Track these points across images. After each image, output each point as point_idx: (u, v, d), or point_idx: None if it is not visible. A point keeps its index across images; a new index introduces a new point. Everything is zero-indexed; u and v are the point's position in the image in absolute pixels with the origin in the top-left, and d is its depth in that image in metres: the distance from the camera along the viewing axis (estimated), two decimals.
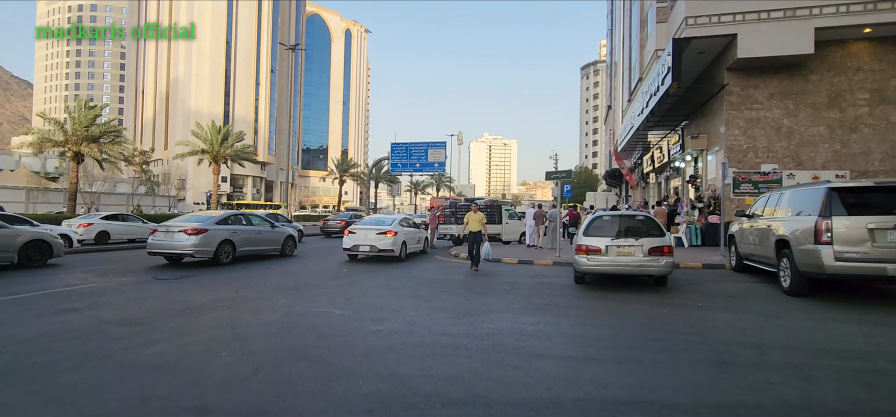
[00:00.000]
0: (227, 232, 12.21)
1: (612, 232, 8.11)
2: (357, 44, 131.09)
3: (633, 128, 23.77)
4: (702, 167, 18.50)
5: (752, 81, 15.65)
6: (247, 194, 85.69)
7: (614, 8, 47.01)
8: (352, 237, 13.13)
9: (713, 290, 8.03)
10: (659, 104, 17.48)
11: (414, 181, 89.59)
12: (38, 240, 11.06)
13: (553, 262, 12.25)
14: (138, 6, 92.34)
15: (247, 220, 13.73)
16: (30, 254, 10.80)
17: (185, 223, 11.93)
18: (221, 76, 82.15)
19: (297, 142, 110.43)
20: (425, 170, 41.85)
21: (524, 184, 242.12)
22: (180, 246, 11.33)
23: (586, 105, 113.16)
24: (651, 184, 29.82)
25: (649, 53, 20.19)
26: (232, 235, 12.28)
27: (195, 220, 12.26)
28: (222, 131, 38.47)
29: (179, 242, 11.35)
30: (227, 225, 12.51)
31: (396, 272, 10.95)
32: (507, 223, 19.46)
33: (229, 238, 12.14)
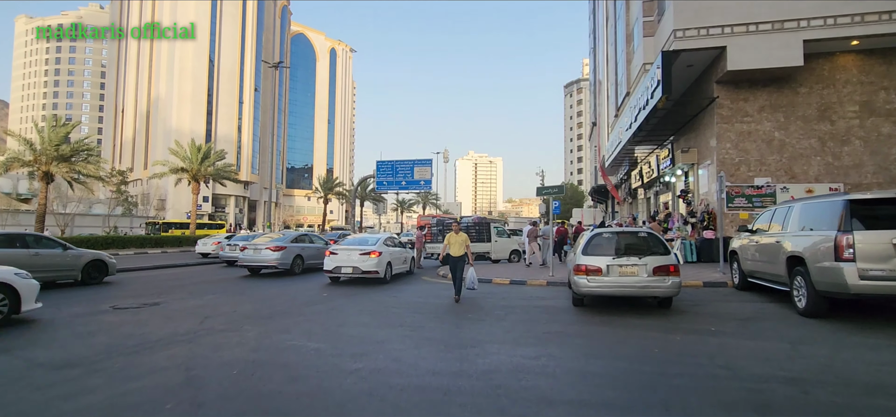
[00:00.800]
0: (299, 249, 15.51)
1: (612, 251, 7.53)
2: (342, 63, 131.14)
3: (620, 143, 23.50)
4: (693, 181, 18.19)
5: (743, 94, 15.44)
6: (230, 214, 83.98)
7: (597, 26, 47.46)
8: (333, 258, 12.37)
9: (722, 312, 7.47)
10: (647, 118, 17.16)
11: (400, 199, 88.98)
12: (98, 261, 12.55)
13: (547, 282, 11.63)
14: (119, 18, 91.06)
15: (310, 239, 16.88)
16: (90, 273, 12.26)
17: (269, 242, 15.22)
18: (204, 95, 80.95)
19: (281, 161, 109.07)
20: (411, 188, 41.24)
21: (510, 201, 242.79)
22: (266, 260, 14.58)
23: (570, 122, 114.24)
24: (639, 200, 29.58)
25: (636, 68, 19.99)
26: (302, 251, 15.52)
27: (277, 240, 15.57)
28: (202, 149, 37.43)
29: (265, 257, 14.61)
30: (299, 243, 15.89)
31: (381, 296, 10.21)
32: (496, 241, 18.85)
33: (301, 253, 15.44)
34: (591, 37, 57.88)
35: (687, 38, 14.78)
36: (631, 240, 7.72)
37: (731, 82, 15.35)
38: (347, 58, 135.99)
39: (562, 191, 13.46)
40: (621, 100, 24.14)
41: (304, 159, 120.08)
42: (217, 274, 15.34)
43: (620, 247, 7.56)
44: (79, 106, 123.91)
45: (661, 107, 15.83)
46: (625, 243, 7.64)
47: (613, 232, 8.04)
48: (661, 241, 7.52)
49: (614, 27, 27.31)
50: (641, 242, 7.61)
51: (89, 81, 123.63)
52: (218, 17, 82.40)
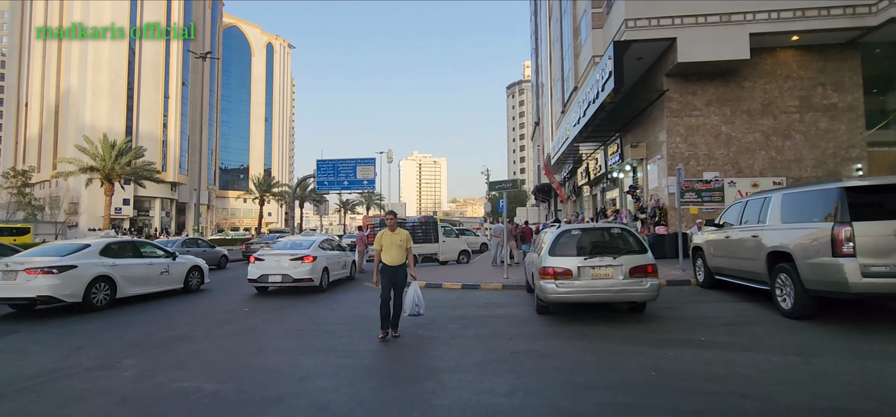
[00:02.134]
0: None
1: (582, 250, 6.57)
2: (280, 58, 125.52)
3: (567, 139, 23.16)
4: (642, 176, 17.98)
5: (691, 88, 15.27)
6: (155, 217, 77.46)
7: (540, 27, 47.75)
8: (259, 265, 10.69)
9: (700, 315, 6.72)
10: (596, 113, 16.71)
11: (343, 200, 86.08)
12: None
13: (502, 286, 10.61)
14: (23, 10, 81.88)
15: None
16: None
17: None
18: (123, 88, 74.03)
19: (214, 161, 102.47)
20: (353, 188, 39.46)
21: (455, 202, 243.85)
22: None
23: (513, 123, 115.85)
24: (585, 197, 29.60)
25: (585, 61, 19.61)
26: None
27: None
28: (117, 146, 33.60)
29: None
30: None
31: (315, 308, 8.74)
32: (444, 241, 17.71)
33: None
34: (533, 38, 58.45)
35: (638, 28, 14.36)
36: (603, 238, 6.81)
37: (680, 75, 15.13)
38: (286, 53, 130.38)
39: (515, 185, 12.51)
40: (569, 96, 23.82)
41: (240, 159, 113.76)
42: None
43: (591, 246, 6.62)
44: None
45: (609, 101, 15.40)
46: (596, 241, 6.72)
47: (583, 228, 7.08)
48: (636, 238, 6.66)
49: (560, 23, 27.07)
50: (615, 240, 6.70)
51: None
52: (139, 4, 75.72)
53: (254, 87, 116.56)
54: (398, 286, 6.36)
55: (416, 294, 6.33)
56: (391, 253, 6.33)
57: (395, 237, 6.37)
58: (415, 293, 6.33)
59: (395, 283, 6.32)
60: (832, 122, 14.74)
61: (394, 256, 6.33)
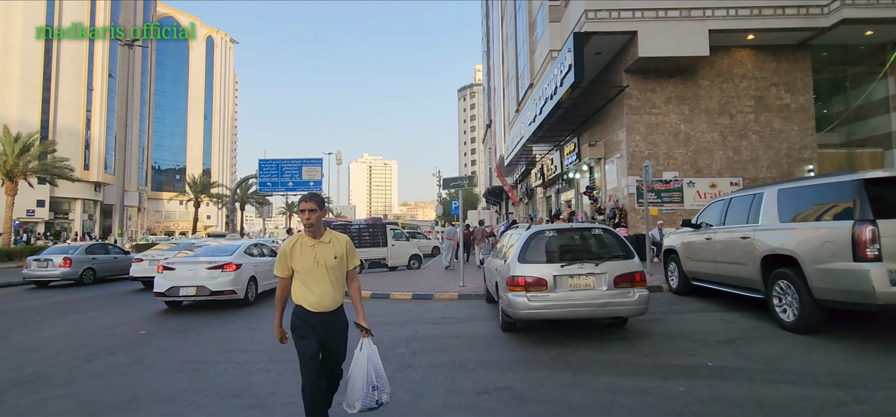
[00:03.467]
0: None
1: (558, 255, 5.46)
2: (221, 53, 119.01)
3: (522, 138, 22.40)
4: (600, 177, 17.41)
5: (650, 85, 14.79)
6: (75, 220, 70.52)
7: (492, 28, 47.37)
8: (169, 275, 8.89)
9: (690, 331, 5.79)
10: (553, 110, 15.94)
11: (288, 202, 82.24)
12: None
13: (459, 295, 9.40)
14: None
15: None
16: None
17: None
18: (38, 78, 67.04)
19: (146, 160, 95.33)
20: (299, 190, 37.25)
21: (405, 205, 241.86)
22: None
23: (464, 126, 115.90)
24: (538, 199, 29.08)
25: (541, 57, 18.87)
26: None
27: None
28: (22, 139, 29.62)
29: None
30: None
31: (231, 327, 7.16)
32: (393, 244, 16.31)
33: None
34: (485, 40, 58.14)
35: (599, 19, 13.67)
36: (581, 241, 5.73)
37: (639, 71, 14.61)
38: (228, 48, 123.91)
39: (471, 180, 11.36)
40: (523, 94, 23.10)
41: (176, 158, 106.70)
42: (15, 299, 10.88)
43: (568, 251, 5.53)
44: None
45: (567, 97, 14.67)
46: (573, 244, 5.63)
47: (558, 229, 5.94)
48: (620, 240, 5.62)
49: (514, 19, 26.40)
50: (595, 243, 5.65)
51: None
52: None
53: (192, 83, 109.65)
54: (334, 351, 3.23)
55: (371, 365, 3.10)
56: (315, 283, 3.09)
57: (321, 252, 3.09)
58: (369, 363, 3.10)
59: (327, 347, 3.16)
60: (785, 123, 14.69)
61: (320, 292, 3.09)
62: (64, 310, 9.33)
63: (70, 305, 10.09)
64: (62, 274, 14.14)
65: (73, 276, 14.35)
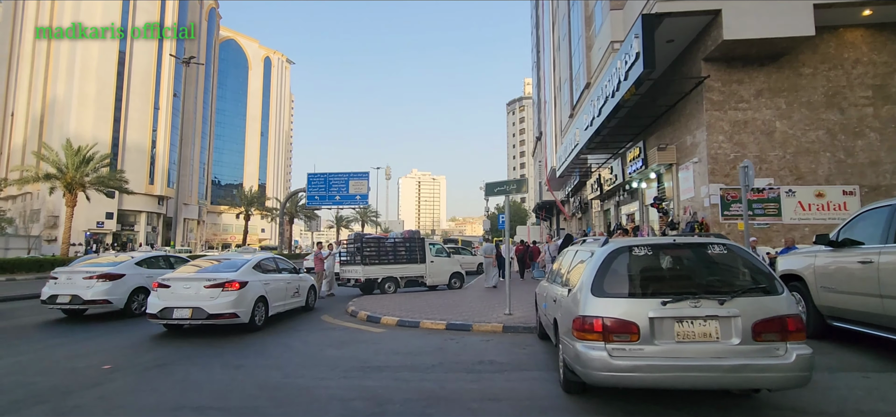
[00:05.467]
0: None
1: (655, 285, 3.53)
2: (278, 73, 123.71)
3: (577, 145, 20.21)
4: (671, 186, 14.98)
5: (736, 75, 12.37)
6: (140, 232, 74.31)
7: (542, 37, 45.44)
8: (163, 294, 7.62)
9: (865, 409, 3.64)
10: (615, 110, 13.82)
11: (337, 216, 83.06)
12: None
13: (503, 327, 7.52)
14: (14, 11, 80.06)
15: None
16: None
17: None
18: (111, 98, 71.55)
19: (206, 175, 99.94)
20: (346, 203, 36.73)
21: (454, 220, 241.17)
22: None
23: (513, 140, 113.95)
24: (594, 212, 26.58)
25: (600, 51, 16.80)
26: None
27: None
28: (81, 152, 30.67)
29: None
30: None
31: (212, 365, 5.71)
32: (432, 261, 14.64)
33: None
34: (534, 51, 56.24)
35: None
36: (691, 262, 3.76)
37: (723, 59, 12.25)
38: (284, 68, 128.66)
39: (519, 185, 9.50)
40: (579, 96, 20.98)
41: (234, 174, 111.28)
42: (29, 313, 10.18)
43: (672, 278, 3.59)
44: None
45: (629, 97, 12.55)
46: (680, 268, 3.69)
47: (653, 243, 3.90)
48: (755, 264, 3.61)
49: (567, 18, 24.40)
50: (715, 266, 3.67)
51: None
52: (130, 12, 73.63)
53: (250, 101, 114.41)
54: None
55: None
56: None
57: None
58: None
59: None
60: None
61: None
62: (58, 331, 8.29)
63: (70, 324, 9.09)
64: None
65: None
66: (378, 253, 14.13)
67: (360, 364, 5.56)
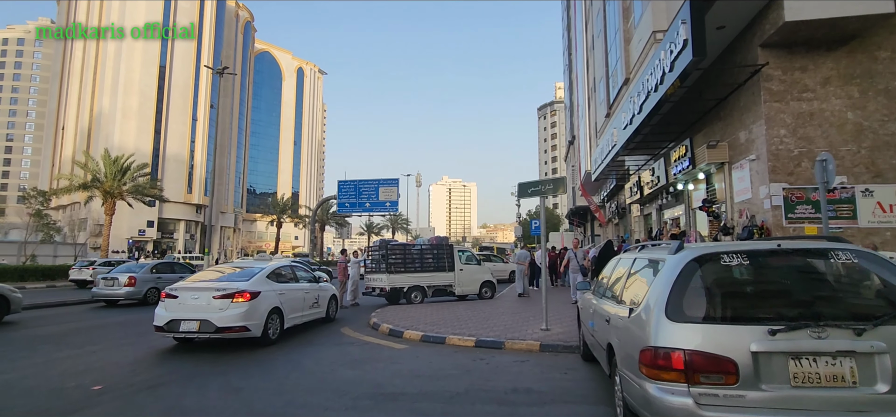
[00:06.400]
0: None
1: (756, 306, 2.59)
2: (310, 83, 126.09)
3: (615, 146, 18.98)
4: (722, 187, 13.66)
5: (799, 61, 11.05)
6: (179, 239, 76.63)
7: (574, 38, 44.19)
8: (171, 304, 7.09)
9: None
10: (657, 106, 12.66)
11: (367, 223, 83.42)
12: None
13: (540, 345, 6.62)
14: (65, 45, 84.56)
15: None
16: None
17: None
18: (152, 111, 74.28)
19: (241, 184, 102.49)
20: (376, 210, 36.47)
21: (485, 227, 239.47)
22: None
23: (545, 145, 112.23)
24: (633, 217, 25.14)
25: (639, 44, 15.66)
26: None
27: None
28: (119, 161, 31.46)
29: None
30: None
31: (208, 387, 5.07)
32: (461, 269, 13.81)
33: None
34: (566, 54, 54.88)
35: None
36: (808, 275, 2.80)
37: (783, 44, 10.96)
38: (316, 78, 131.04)
39: (559, 184, 8.57)
40: (616, 95, 19.80)
41: (268, 182, 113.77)
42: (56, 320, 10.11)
43: (782, 295, 2.65)
44: (22, 124, 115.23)
45: (672, 92, 11.40)
46: (791, 282, 2.74)
47: (751, 250, 2.85)
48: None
49: (603, 13, 23.24)
50: (842, 281, 2.71)
51: (35, 99, 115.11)
52: (170, 28, 76.39)
53: (284, 112, 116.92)
54: None
55: None
56: None
57: None
58: None
59: None
60: None
61: None
62: (73, 341, 7.92)
63: (84, 333, 8.76)
64: (126, 293, 13.65)
65: (137, 295, 13.82)
66: (404, 261, 13.42)
67: (374, 390, 4.79)
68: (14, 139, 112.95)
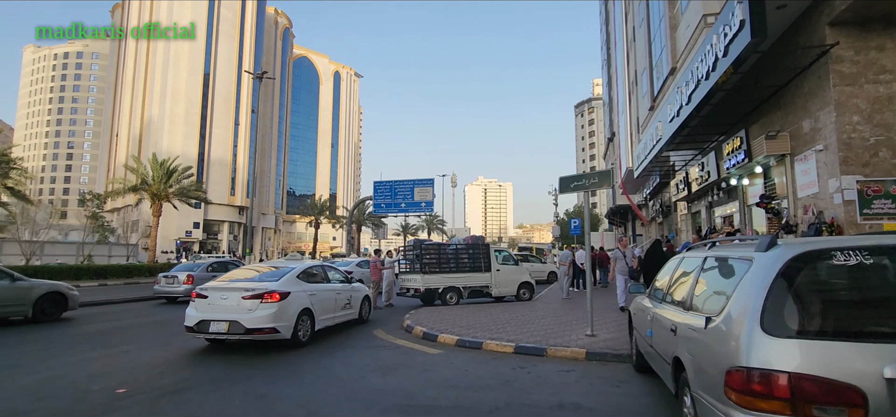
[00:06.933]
0: None
1: (882, 318, 2.01)
2: (346, 86, 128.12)
3: (660, 140, 17.96)
4: (784, 181, 12.56)
5: (874, 39, 9.93)
6: (223, 240, 79.42)
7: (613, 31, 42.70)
8: (201, 305, 6.95)
9: None
10: (706, 97, 11.73)
11: (403, 223, 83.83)
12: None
13: (586, 353, 6.05)
14: (119, 44, 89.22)
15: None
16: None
17: None
18: (197, 116, 77.37)
19: (281, 187, 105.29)
20: (411, 211, 36.42)
21: (521, 227, 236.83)
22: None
23: (582, 143, 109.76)
24: (680, 216, 23.84)
25: (689, 29, 14.71)
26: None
27: None
28: (165, 165, 32.63)
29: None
30: None
31: (233, 392, 4.83)
32: (498, 269, 13.30)
33: None
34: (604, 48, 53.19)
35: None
36: None
37: (855, 22, 9.87)
38: (353, 81, 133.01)
39: (605, 177, 7.95)
40: (660, 86, 18.78)
41: (307, 184, 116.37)
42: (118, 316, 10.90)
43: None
44: (81, 133, 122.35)
45: (725, 80, 10.48)
46: None
47: (870, 246, 2.26)
48: None
49: (645, 2, 22.16)
50: None
51: (93, 108, 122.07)
52: (214, 37, 79.44)
53: (321, 115, 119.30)
54: None
55: None
56: None
57: None
58: None
59: None
60: None
61: None
62: (108, 341, 7.97)
63: (123, 332, 8.83)
64: (185, 290, 14.14)
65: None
66: (438, 261, 13.04)
67: (404, 402, 4.40)
68: (74, 146, 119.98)
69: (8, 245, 34.98)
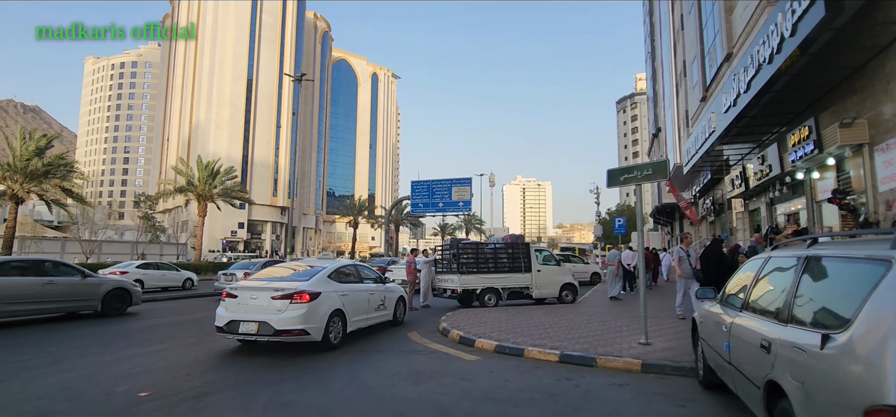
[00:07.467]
0: None
1: None
2: (384, 88, 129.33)
3: (713, 133, 16.74)
4: (861, 174, 11.30)
5: None
6: (266, 240, 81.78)
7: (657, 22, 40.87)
8: (231, 304, 6.75)
9: None
10: (769, 83, 10.63)
11: (441, 223, 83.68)
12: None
13: (641, 363, 5.41)
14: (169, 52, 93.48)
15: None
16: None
17: None
18: (241, 120, 79.95)
19: (321, 187, 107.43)
20: (449, 210, 36.07)
21: (561, 226, 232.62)
22: None
23: (624, 140, 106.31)
24: (735, 214, 22.31)
25: (746, 12, 13.55)
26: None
27: None
28: (209, 166, 33.64)
29: None
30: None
31: (257, 398, 4.49)
32: (538, 270, 12.66)
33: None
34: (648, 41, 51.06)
35: None
36: None
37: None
38: (390, 82, 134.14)
39: (660, 168, 7.25)
40: (714, 74, 17.54)
41: (346, 185, 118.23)
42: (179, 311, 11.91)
43: None
44: (136, 138, 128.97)
45: (787, 66, 9.41)
46: None
47: None
48: None
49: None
50: None
51: (146, 115, 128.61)
52: (256, 42, 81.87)
53: (360, 116, 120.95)
54: None
55: None
56: None
57: None
58: None
59: None
60: None
61: None
62: (140, 337, 7.96)
63: (161, 329, 8.86)
64: None
65: None
66: (476, 261, 12.54)
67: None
68: (130, 151, 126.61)
69: (70, 244, 37.18)
